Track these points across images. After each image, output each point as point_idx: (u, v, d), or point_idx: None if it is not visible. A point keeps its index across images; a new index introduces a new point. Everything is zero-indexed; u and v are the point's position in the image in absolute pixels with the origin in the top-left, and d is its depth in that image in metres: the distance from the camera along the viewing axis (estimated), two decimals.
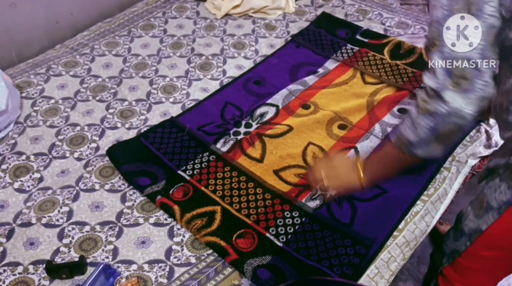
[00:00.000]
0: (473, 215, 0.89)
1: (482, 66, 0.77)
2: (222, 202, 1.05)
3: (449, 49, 0.77)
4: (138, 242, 0.99)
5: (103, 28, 1.63)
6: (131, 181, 1.09)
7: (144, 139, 1.20)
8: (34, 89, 1.37)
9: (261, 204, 1.05)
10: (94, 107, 1.32)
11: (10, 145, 1.20)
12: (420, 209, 1.06)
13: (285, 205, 1.05)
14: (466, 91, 0.77)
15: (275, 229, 1.00)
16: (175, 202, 1.04)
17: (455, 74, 0.77)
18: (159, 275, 0.93)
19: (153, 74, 1.45)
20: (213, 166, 1.14)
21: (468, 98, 0.78)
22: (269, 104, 1.32)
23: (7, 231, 1.01)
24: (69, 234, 1.00)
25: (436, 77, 0.78)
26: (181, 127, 1.23)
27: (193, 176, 1.11)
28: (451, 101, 0.77)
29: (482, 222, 0.86)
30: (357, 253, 0.95)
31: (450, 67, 0.77)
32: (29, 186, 1.10)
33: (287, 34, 1.63)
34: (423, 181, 1.11)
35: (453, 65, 0.77)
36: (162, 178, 1.10)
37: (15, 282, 0.92)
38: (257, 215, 1.03)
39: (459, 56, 0.76)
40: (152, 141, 1.20)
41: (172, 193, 1.07)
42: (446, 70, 0.77)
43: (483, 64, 0.77)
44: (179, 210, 1.02)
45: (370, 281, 0.94)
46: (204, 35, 1.62)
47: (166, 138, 1.21)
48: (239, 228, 1.00)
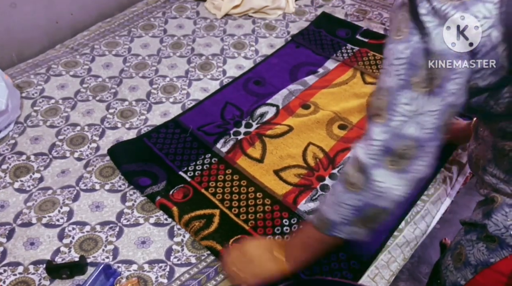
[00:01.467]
0: (452, 266, 0.84)
1: (429, 148, 0.67)
2: (221, 205, 1.05)
3: (398, 125, 0.65)
4: (138, 242, 0.99)
5: (103, 28, 1.63)
6: (132, 180, 1.09)
7: (147, 139, 1.20)
8: (34, 89, 1.37)
9: (260, 209, 1.04)
10: (94, 107, 1.32)
11: (10, 145, 1.20)
12: (421, 209, 1.06)
13: (284, 212, 1.04)
14: (402, 171, 0.67)
15: (272, 237, 0.99)
16: (174, 203, 1.04)
17: (396, 153, 0.66)
18: (159, 275, 0.93)
19: (153, 74, 1.45)
20: (214, 168, 1.14)
21: (402, 179, 0.68)
22: (269, 104, 1.32)
23: (8, 231, 1.01)
24: (69, 234, 1.00)
25: (372, 151, 0.67)
26: (184, 128, 1.23)
27: (194, 178, 1.11)
28: (382, 180, 0.68)
29: (461, 276, 0.81)
30: (351, 268, 0.93)
31: (392, 145, 0.66)
32: (29, 186, 1.10)
33: (287, 34, 1.63)
34: (423, 181, 1.10)
35: (396, 144, 0.66)
36: (162, 179, 1.10)
37: (15, 282, 0.92)
38: (256, 220, 1.02)
39: (406, 135, 0.65)
40: (155, 141, 1.20)
41: (172, 194, 1.06)
42: (387, 147, 0.66)
43: (431, 146, 0.67)
44: (178, 211, 1.02)
45: (371, 282, 0.94)
46: (204, 35, 1.62)
47: (169, 139, 1.21)
48: (236, 233, 0.99)
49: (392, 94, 0.65)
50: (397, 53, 0.63)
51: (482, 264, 0.76)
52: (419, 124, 0.65)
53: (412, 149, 0.66)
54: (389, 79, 0.65)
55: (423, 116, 0.64)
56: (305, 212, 1.04)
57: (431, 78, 0.62)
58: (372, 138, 0.67)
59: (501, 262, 0.73)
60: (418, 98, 0.63)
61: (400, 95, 0.64)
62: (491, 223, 0.75)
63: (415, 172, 0.68)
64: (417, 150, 0.66)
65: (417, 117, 0.64)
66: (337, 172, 1.13)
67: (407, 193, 0.70)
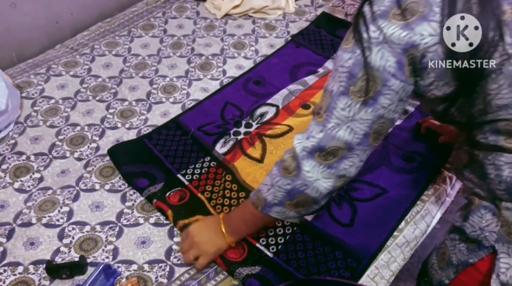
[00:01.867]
0: (437, 265, 0.87)
1: (357, 151, 0.74)
2: (213, 211, 1.04)
3: (332, 127, 0.72)
4: (138, 242, 0.99)
5: (103, 28, 1.63)
6: (131, 182, 1.09)
7: (147, 140, 1.20)
8: (34, 89, 1.37)
9: None
10: (94, 107, 1.32)
11: (10, 145, 1.20)
12: (421, 209, 1.07)
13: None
14: (329, 166, 0.76)
15: (265, 239, 0.98)
16: (170, 206, 1.03)
17: (327, 150, 0.74)
18: (159, 275, 0.93)
19: (153, 74, 1.45)
20: (212, 172, 1.13)
21: (328, 174, 0.76)
22: (269, 104, 1.32)
23: (7, 231, 1.01)
24: (69, 234, 1.00)
25: (307, 144, 0.75)
26: (185, 130, 1.23)
27: (192, 181, 1.11)
28: (310, 171, 0.76)
29: (445, 276, 0.84)
30: (348, 267, 0.93)
31: (324, 144, 0.74)
32: (29, 186, 1.10)
33: (287, 34, 1.63)
34: (423, 181, 1.11)
35: (329, 143, 0.73)
36: (160, 180, 1.09)
37: (15, 282, 0.92)
38: None
39: (338, 138, 0.72)
40: (155, 143, 1.19)
41: (169, 196, 1.06)
42: (320, 145, 0.74)
43: (360, 150, 0.74)
44: (173, 215, 1.01)
45: (371, 282, 0.94)
46: (204, 35, 1.62)
47: (170, 141, 1.20)
48: None
49: (333, 97, 0.71)
50: (342, 61, 0.69)
51: (462, 264, 0.78)
52: (351, 129, 0.72)
53: (341, 149, 0.74)
54: (332, 84, 0.72)
55: (355, 122, 0.71)
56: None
57: (366, 90, 0.68)
58: (309, 134, 0.76)
59: (479, 263, 0.75)
60: (353, 105, 0.70)
61: (339, 100, 0.71)
62: (468, 225, 0.77)
63: (341, 169, 0.76)
64: (345, 151, 0.74)
65: (350, 123, 0.71)
66: None
67: (334, 188, 0.78)
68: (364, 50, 0.66)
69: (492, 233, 0.73)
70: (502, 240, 0.72)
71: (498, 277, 0.72)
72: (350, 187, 1.09)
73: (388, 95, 0.68)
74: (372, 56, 0.66)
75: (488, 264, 0.74)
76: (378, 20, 0.65)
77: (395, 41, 0.64)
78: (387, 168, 1.14)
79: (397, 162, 1.15)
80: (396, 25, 0.64)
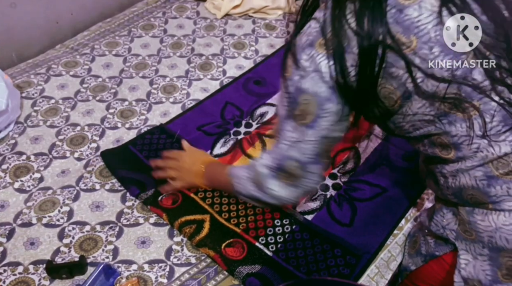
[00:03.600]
0: (407, 252, 0.95)
1: (312, 169, 0.80)
2: (211, 210, 1.03)
3: (284, 148, 0.78)
4: (138, 242, 0.99)
5: (103, 28, 1.63)
6: (125, 186, 1.09)
7: (132, 146, 1.18)
8: (34, 89, 1.37)
9: (251, 212, 1.02)
10: (94, 107, 1.32)
11: (10, 145, 1.20)
12: (421, 207, 1.06)
13: (275, 213, 1.02)
14: (293, 186, 0.83)
15: (264, 238, 0.98)
16: (163, 209, 1.02)
17: (287, 170, 0.81)
18: (159, 275, 0.94)
19: (153, 74, 1.45)
20: None
21: (293, 191, 0.84)
22: (269, 104, 1.32)
23: (8, 231, 1.01)
24: (69, 234, 1.00)
25: (270, 165, 0.83)
26: (170, 134, 1.21)
27: None
28: (275, 189, 0.84)
29: (412, 262, 0.91)
30: (347, 264, 0.93)
31: (282, 164, 0.81)
32: (29, 186, 1.10)
33: (287, 34, 1.63)
34: None
35: (285, 163, 0.80)
36: (150, 186, 1.07)
37: (15, 282, 0.92)
38: (247, 223, 1.00)
39: (291, 157, 0.78)
40: (140, 149, 1.17)
41: (161, 200, 1.04)
42: (279, 164, 0.81)
43: (314, 168, 0.80)
44: (168, 218, 1.01)
45: (371, 281, 0.94)
46: (204, 35, 1.62)
47: (155, 145, 1.18)
48: (228, 237, 0.97)
49: (281, 121, 0.78)
50: (285, 87, 0.75)
51: (430, 255, 0.85)
52: (300, 149, 0.77)
53: (298, 169, 0.80)
54: (281, 108, 0.77)
55: (302, 143, 0.76)
56: (304, 212, 1.04)
57: (306, 114, 0.73)
58: (270, 153, 0.84)
59: (445, 256, 0.82)
60: (298, 128, 0.75)
61: (286, 123, 0.77)
62: (433, 224, 0.84)
63: (304, 187, 0.83)
64: (302, 170, 0.80)
65: (298, 144, 0.76)
66: (337, 171, 1.13)
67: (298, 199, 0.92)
68: (300, 77, 0.71)
69: (452, 231, 0.79)
70: (460, 237, 0.78)
71: (459, 273, 0.77)
72: (350, 187, 1.09)
73: (327, 118, 0.73)
74: (307, 83, 0.71)
75: (451, 258, 0.81)
76: (311, 51, 0.70)
77: (323, 70, 0.69)
78: (387, 167, 1.14)
79: (397, 162, 1.15)
80: (324, 55, 0.68)
